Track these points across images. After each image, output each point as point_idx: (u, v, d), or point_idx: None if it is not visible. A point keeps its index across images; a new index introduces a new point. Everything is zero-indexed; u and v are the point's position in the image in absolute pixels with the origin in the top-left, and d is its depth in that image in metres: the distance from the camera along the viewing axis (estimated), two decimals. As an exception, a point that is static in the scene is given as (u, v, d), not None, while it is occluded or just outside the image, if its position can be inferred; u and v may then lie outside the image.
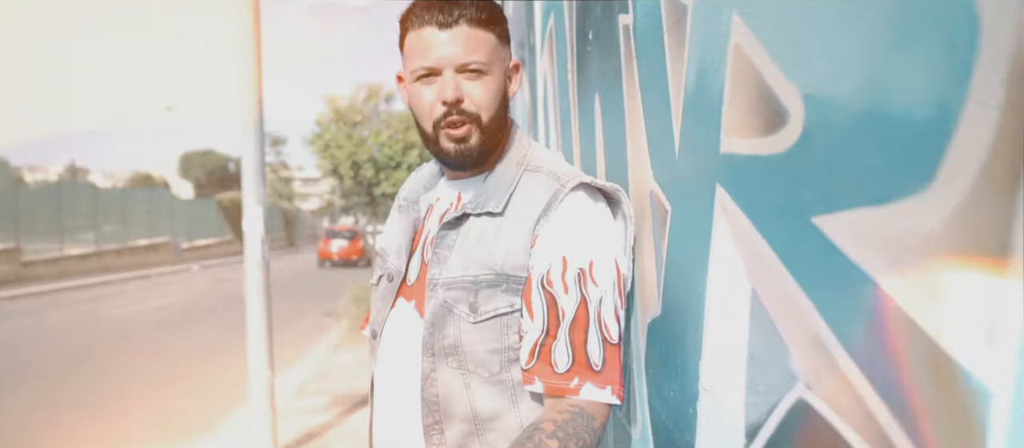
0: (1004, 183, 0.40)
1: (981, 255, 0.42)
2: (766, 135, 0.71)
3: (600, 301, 1.04)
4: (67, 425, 5.57)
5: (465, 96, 1.11)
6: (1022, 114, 0.39)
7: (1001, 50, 0.40)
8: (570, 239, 1.06)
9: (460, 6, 1.11)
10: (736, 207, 0.79)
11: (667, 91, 1.04)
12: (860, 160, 0.55)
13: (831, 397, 0.60)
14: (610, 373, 1.03)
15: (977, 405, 0.43)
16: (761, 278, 0.73)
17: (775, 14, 0.69)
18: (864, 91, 0.54)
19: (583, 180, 1.12)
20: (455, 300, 1.10)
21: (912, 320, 0.49)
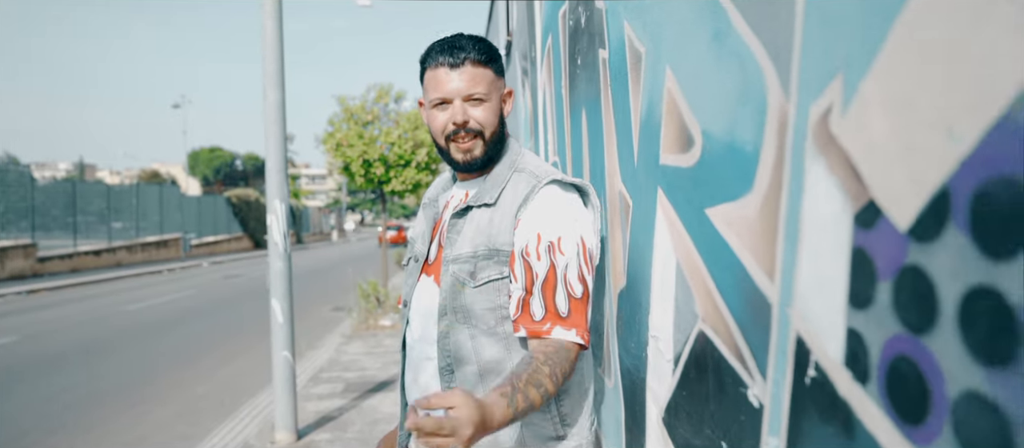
0: (776, 193, 0.73)
1: (771, 230, 0.75)
2: (683, 153, 1.03)
3: (566, 266, 1.32)
4: (96, 412, 5.92)
5: (470, 118, 1.44)
6: (782, 147, 0.71)
7: (775, 115, 0.72)
8: (542, 220, 1.36)
9: (465, 50, 1.43)
10: (668, 203, 1.11)
11: (629, 115, 1.37)
12: (724, 174, 0.87)
13: (715, 327, 0.93)
14: (575, 319, 1.31)
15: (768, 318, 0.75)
16: (681, 252, 1.06)
17: (688, 70, 1.01)
18: (727, 132, 0.87)
19: (555, 177, 1.42)
20: (459, 271, 1.41)
21: (748, 273, 0.81)
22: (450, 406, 1.02)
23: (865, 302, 0.58)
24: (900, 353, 0.53)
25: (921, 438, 0.51)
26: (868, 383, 0.58)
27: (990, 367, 0.44)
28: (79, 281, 18.26)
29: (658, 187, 1.17)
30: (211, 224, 33.92)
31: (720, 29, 0.87)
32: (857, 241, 0.59)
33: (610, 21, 1.53)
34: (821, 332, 0.65)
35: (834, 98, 0.61)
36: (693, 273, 1.00)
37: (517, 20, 3.99)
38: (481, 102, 1.44)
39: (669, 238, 1.11)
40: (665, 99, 1.12)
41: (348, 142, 10.00)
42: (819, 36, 0.64)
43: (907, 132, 0.52)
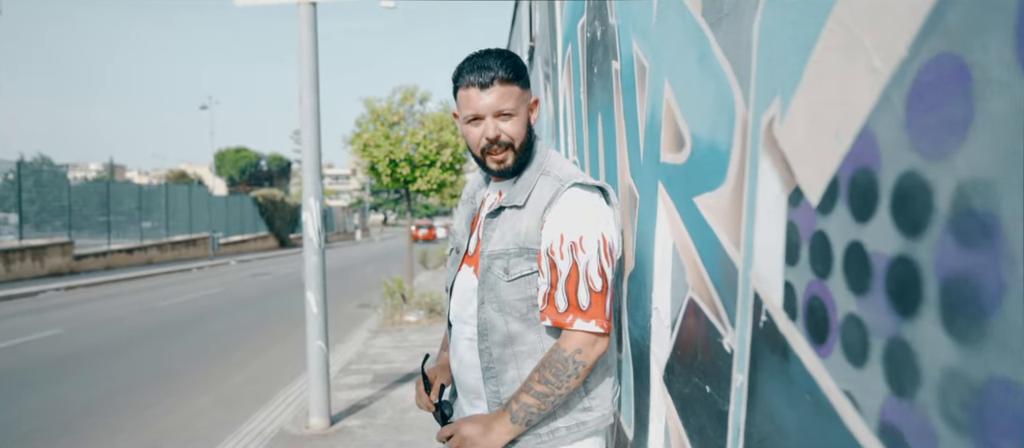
0: (740, 183, 0.94)
1: (738, 211, 0.96)
2: (677, 153, 1.25)
3: (587, 263, 1.45)
4: (139, 398, 6.24)
5: (501, 133, 1.57)
6: (744, 149, 0.92)
7: (739, 123, 0.94)
8: (565, 221, 1.49)
9: (493, 70, 1.55)
10: (667, 195, 1.33)
11: (637, 120, 1.58)
12: (706, 169, 1.09)
13: (700, 294, 1.14)
14: (595, 310, 1.45)
15: (735, 280, 0.96)
16: (676, 235, 1.27)
17: (681, 84, 1.23)
18: (708, 135, 1.08)
19: (577, 181, 1.53)
20: (496, 264, 1.58)
21: (722, 246, 1.03)
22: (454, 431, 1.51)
23: (794, 260, 0.79)
24: (814, 295, 0.75)
25: (824, 352, 0.72)
26: (797, 320, 0.79)
27: (860, 297, 0.65)
28: (113, 278, 18.82)
29: (659, 181, 1.38)
30: (238, 223, 34.56)
31: (703, 52, 1.09)
32: (789, 216, 0.80)
33: (622, 37, 1.75)
34: (768, 286, 0.86)
35: (776, 111, 0.83)
36: (685, 251, 1.22)
37: (539, 26, 4.20)
38: (510, 116, 1.57)
39: (668, 224, 1.33)
40: (664, 107, 1.33)
41: (375, 143, 10.30)
42: (767, 65, 0.85)
43: (815, 137, 0.73)
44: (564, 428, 1.56)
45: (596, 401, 1.58)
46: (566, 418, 1.57)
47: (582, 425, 1.57)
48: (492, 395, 1.62)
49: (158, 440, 5.02)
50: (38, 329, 10.19)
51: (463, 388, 1.73)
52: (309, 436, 4.79)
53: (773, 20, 0.83)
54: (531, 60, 4.58)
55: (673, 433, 1.33)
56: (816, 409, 0.74)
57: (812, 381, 0.75)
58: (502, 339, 1.59)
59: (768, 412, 0.87)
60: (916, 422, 0.57)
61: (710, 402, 1.10)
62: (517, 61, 1.61)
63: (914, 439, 0.57)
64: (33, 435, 5.20)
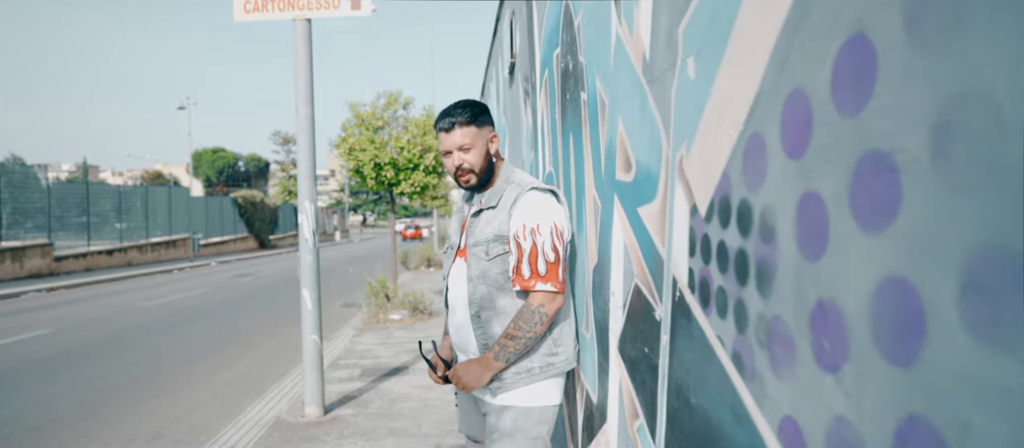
0: (665, 200, 1.32)
1: (663, 220, 1.34)
2: (627, 173, 1.63)
3: (542, 243, 2.04)
4: (134, 395, 6.52)
5: (463, 162, 2.17)
6: (668, 175, 1.31)
7: (664, 156, 1.32)
8: (526, 214, 2.07)
9: (453, 116, 2.16)
10: (620, 205, 1.71)
11: (599, 145, 1.96)
12: (645, 187, 1.47)
13: (641, 280, 1.52)
14: (550, 275, 2.03)
15: (662, 268, 1.35)
16: (627, 236, 1.65)
17: (629, 122, 1.61)
18: (646, 162, 1.46)
19: (534, 186, 2.13)
20: (480, 250, 2.15)
21: (654, 245, 1.41)
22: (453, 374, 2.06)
23: (693, 253, 1.17)
24: (705, 278, 1.13)
25: (708, 313, 1.11)
26: (695, 293, 1.17)
27: (724, 276, 1.04)
28: (94, 280, 18.90)
29: (615, 194, 1.76)
30: (218, 225, 34.57)
31: (643, 101, 1.47)
32: (691, 224, 1.18)
33: (588, 73, 2.13)
34: (680, 271, 1.24)
35: (684, 151, 1.21)
36: (632, 249, 1.60)
37: (519, 46, 4.58)
38: (469, 150, 2.17)
39: (621, 228, 1.71)
40: (618, 138, 1.72)
41: (360, 147, 10.62)
42: (680, 119, 1.23)
43: (702, 172, 1.11)
44: (537, 367, 2.11)
45: (561, 348, 2.15)
46: (538, 359, 2.11)
47: (550, 366, 2.13)
48: (482, 346, 2.16)
49: (160, 430, 5.32)
50: (27, 329, 10.38)
51: (461, 348, 2.29)
52: (305, 424, 5.12)
53: (682, 89, 1.21)
54: (512, 75, 4.95)
55: (625, 390, 1.72)
56: (704, 351, 1.12)
57: (703, 333, 1.13)
58: (487, 303, 2.14)
59: (681, 359, 1.25)
60: (751, 349, 0.95)
61: (648, 360, 1.48)
62: (475, 108, 2.20)
63: (749, 359, 0.96)
64: (42, 425, 5.48)
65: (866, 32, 0.66)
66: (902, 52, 0.61)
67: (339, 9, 5.19)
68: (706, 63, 1.09)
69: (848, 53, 0.69)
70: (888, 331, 0.64)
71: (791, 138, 0.82)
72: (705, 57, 1.09)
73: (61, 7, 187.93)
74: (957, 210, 0.55)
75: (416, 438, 4.72)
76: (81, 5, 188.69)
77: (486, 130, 2.19)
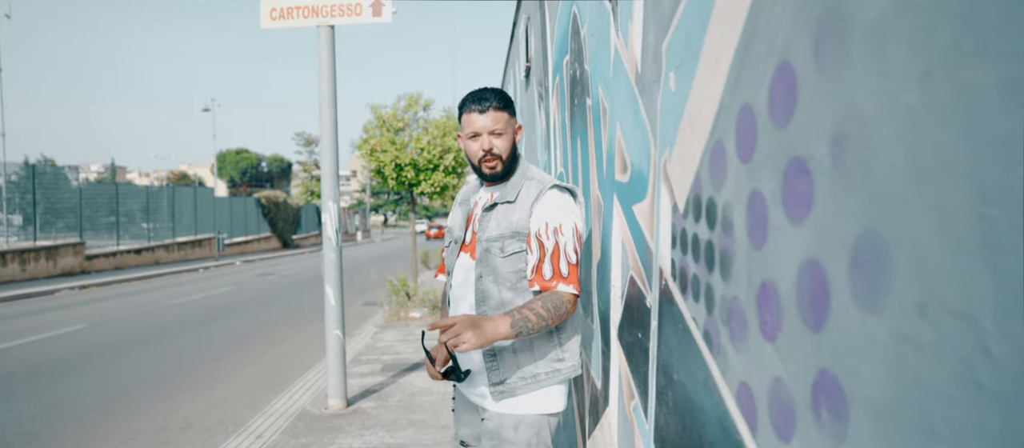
0: (653, 199, 1.47)
1: (653, 216, 1.49)
2: (624, 175, 1.78)
3: (565, 244, 1.93)
4: (166, 388, 6.77)
5: (493, 146, 2.05)
6: (657, 174, 1.46)
7: (653, 159, 1.47)
8: (548, 212, 1.96)
9: (489, 100, 2.05)
10: (618, 204, 1.86)
11: (602, 148, 2.11)
12: (638, 187, 1.62)
13: (635, 272, 1.67)
14: (572, 277, 1.92)
15: (651, 260, 1.50)
16: (624, 233, 1.80)
17: (626, 127, 1.76)
18: (639, 164, 1.61)
19: (555, 184, 2.03)
20: (494, 247, 2.04)
21: (645, 238, 1.56)
22: (453, 323, 1.80)
23: (674, 245, 1.32)
24: (683, 267, 1.28)
25: (687, 298, 1.26)
26: (676, 281, 1.32)
27: (697, 264, 1.19)
28: (124, 278, 19.37)
29: (614, 194, 1.91)
30: (242, 224, 35.12)
31: (635, 109, 1.62)
32: (673, 220, 1.33)
33: (593, 81, 2.28)
34: (665, 262, 1.39)
35: (668, 155, 1.36)
36: (628, 243, 1.75)
37: (534, 51, 4.73)
38: (500, 135, 2.06)
39: (620, 225, 1.86)
40: (617, 142, 1.87)
41: (382, 148, 10.86)
42: (664, 126, 1.38)
43: (681, 174, 1.26)
44: (543, 374, 2.04)
45: (567, 354, 2.05)
46: (545, 365, 2.03)
47: (557, 372, 2.04)
48: (486, 349, 2.04)
49: (189, 421, 5.55)
50: (63, 325, 10.73)
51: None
52: (328, 416, 5.32)
53: (666, 100, 1.36)
54: (528, 78, 5.11)
55: (623, 374, 1.87)
56: (684, 332, 1.27)
57: (682, 316, 1.28)
58: (496, 304, 2.04)
59: (667, 341, 1.40)
60: (717, 327, 1.10)
61: (640, 344, 1.63)
62: (507, 96, 2.13)
63: (715, 336, 1.11)
64: (82, 415, 5.74)
65: (790, 60, 0.81)
66: (813, 77, 0.76)
67: (362, 16, 5.38)
68: (683, 78, 1.23)
69: (779, 76, 0.84)
70: (808, 304, 0.79)
71: (743, 146, 0.97)
72: (682, 73, 1.24)
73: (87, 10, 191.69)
74: (847, 205, 0.70)
75: (435, 429, 4.89)
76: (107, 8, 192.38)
77: (513, 121, 2.12)
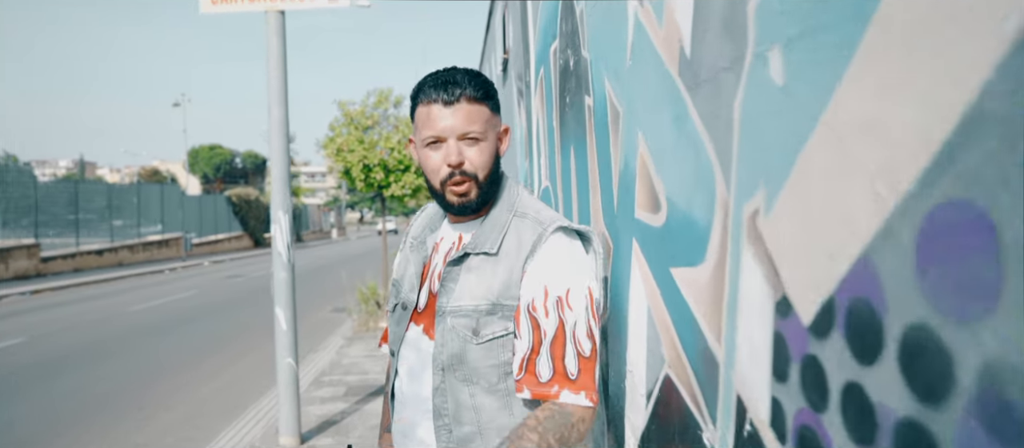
0: (721, 269, 0.86)
1: (718, 299, 0.87)
2: (653, 213, 1.16)
3: (575, 323, 1.24)
4: (102, 416, 6.05)
5: (465, 159, 1.34)
6: (725, 231, 0.84)
7: (720, 203, 0.85)
8: (550, 272, 1.28)
9: (461, 86, 1.33)
10: (642, 254, 1.24)
11: (610, 165, 1.49)
12: (684, 241, 1.00)
13: (678, 374, 1.06)
14: (584, 380, 1.23)
15: (716, 375, 0.88)
16: (652, 299, 1.18)
17: (656, 140, 1.14)
18: (686, 204, 0.99)
19: (561, 224, 1.33)
20: (462, 326, 1.33)
21: (702, 332, 0.94)
22: None
23: (783, 377, 0.71)
24: (804, 424, 0.66)
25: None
26: (786, 443, 0.71)
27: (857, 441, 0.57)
28: (82, 281, 18.41)
29: (633, 238, 1.29)
30: (212, 223, 34.10)
31: (680, 114, 1.00)
32: (776, 326, 0.72)
33: (594, 72, 1.66)
34: (754, 396, 0.78)
35: (760, 203, 0.74)
36: (661, 321, 1.13)
37: (513, 39, 4.10)
38: (476, 141, 1.35)
39: (643, 285, 1.24)
40: (639, 160, 1.25)
41: (349, 147, 10.14)
42: (750, 148, 0.77)
43: (806, 248, 0.64)
44: None
45: None
46: None
47: None
48: None
49: (122, 460, 4.86)
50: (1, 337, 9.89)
51: None
52: (278, 456, 4.66)
53: (757, 101, 0.74)
54: (505, 72, 4.48)
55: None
56: None
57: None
58: (464, 412, 1.35)
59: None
60: None
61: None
62: (488, 81, 1.41)
63: None
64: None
65: None
66: None
67: (316, 0, 4.71)
68: (813, 59, 0.62)
69: None
70: None
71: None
72: (810, 49, 0.62)
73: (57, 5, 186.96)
74: None
75: (400, 475, 4.25)
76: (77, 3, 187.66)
77: (497, 120, 1.42)
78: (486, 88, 1.38)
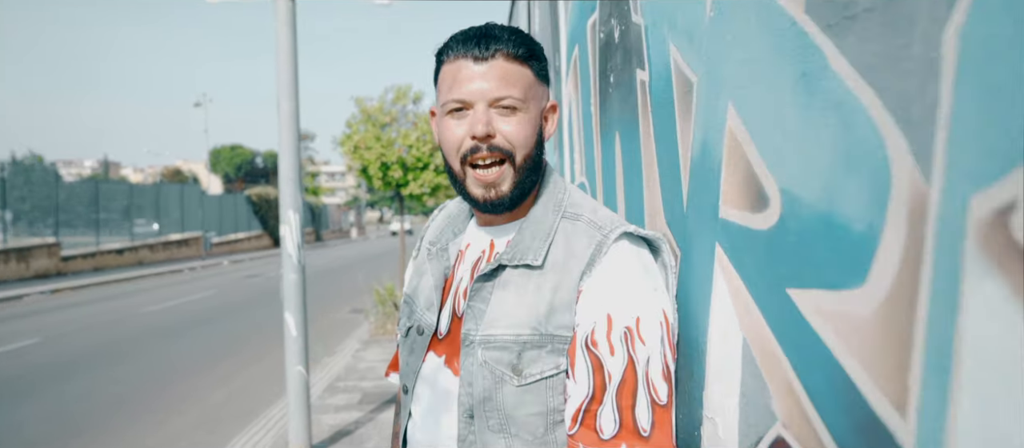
0: (909, 298, 0.55)
1: (900, 344, 0.56)
2: (754, 211, 0.85)
3: (648, 361, 0.97)
4: (114, 420, 5.84)
5: (496, 132, 1.04)
6: (919, 241, 0.53)
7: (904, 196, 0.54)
8: (615, 295, 1.00)
9: (497, 40, 1.05)
10: (731, 266, 0.93)
11: (676, 150, 1.18)
12: (820, 252, 0.69)
13: (803, 440, 0.74)
14: (660, 438, 0.96)
15: None
16: (750, 330, 0.87)
17: (760, 112, 0.83)
18: (822, 199, 0.68)
19: (626, 229, 1.06)
20: (496, 361, 1.03)
21: (860, 393, 0.63)
22: None
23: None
24: None
25: None
26: None
27: None
28: (102, 280, 18.39)
29: (717, 244, 0.99)
30: (232, 222, 34.19)
31: (811, 68, 0.69)
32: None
33: (651, 39, 1.35)
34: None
35: (1016, 192, 0.43)
36: (768, 361, 0.82)
37: (540, 23, 3.81)
38: (514, 112, 1.05)
39: (732, 307, 0.93)
40: (726, 141, 0.94)
41: (366, 145, 9.89)
42: (982, 101, 0.46)
43: None
44: None
45: None
46: None
47: None
48: None
49: (126, 471, 4.63)
50: (14, 339, 9.77)
51: None
52: (288, 471, 4.41)
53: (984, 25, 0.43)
54: (530, 60, 4.18)
55: None
56: None
57: None
58: None
59: None
60: None
61: None
62: (534, 40, 1.11)
63: None
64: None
65: None
66: None
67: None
68: None
69: None
70: None
71: None
72: None
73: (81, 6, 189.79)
74: None
75: (416, 493, 3.97)
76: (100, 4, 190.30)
77: (544, 91, 1.12)
78: (530, 46, 1.09)
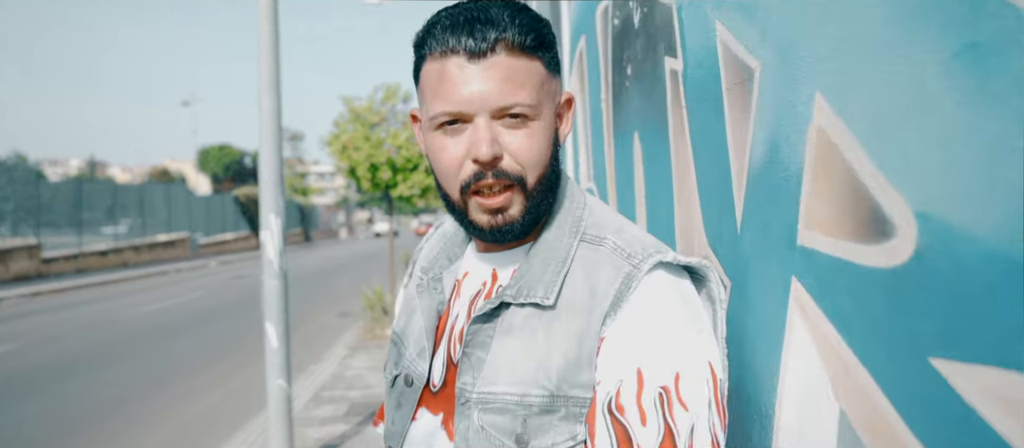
0: None
1: None
2: (864, 243, 0.63)
3: (692, 430, 0.75)
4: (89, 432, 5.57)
5: (504, 152, 0.81)
6: None
7: None
8: (647, 343, 0.78)
9: (497, 27, 0.80)
10: (819, 311, 0.71)
11: (726, 155, 0.96)
12: (990, 302, 0.47)
13: None
14: None
15: None
16: (853, 399, 0.65)
17: (872, 106, 0.61)
18: (996, 230, 0.46)
19: (663, 258, 0.82)
20: (496, 427, 0.82)
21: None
22: None
23: None
24: None
25: None
26: None
27: None
28: (84, 283, 18.00)
29: (793, 278, 0.76)
30: (219, 222, 33.78)
31: (986, 40, 0.47)
32: None
33: (685, 21, 1.13)
34: None
35: None
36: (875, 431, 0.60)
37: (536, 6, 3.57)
38: (524, 121, 0.81)
39: (821, 365, 0.71)
40: (811, 144, 0.71)
41: (354, 145, 9.62)
42: None
43: None
44: None
45: None
46: None
47: None
48: None
49: (96, 493, 4.37)
50: (-11, 345, 9.44)
51: None
52: (269, 491, 4.16)
53: None
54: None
55: None
56: None
57: None
58: None
59: None
60: None
61: None
62: (540, 20, 0.85)
63: None
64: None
65: None
66: None
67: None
68: None
69: None
70: None
71: None
72: None
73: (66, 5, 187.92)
74: None
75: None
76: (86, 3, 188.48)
77: (557, 86, 0.88)
78: (539, 30, 0.83)
